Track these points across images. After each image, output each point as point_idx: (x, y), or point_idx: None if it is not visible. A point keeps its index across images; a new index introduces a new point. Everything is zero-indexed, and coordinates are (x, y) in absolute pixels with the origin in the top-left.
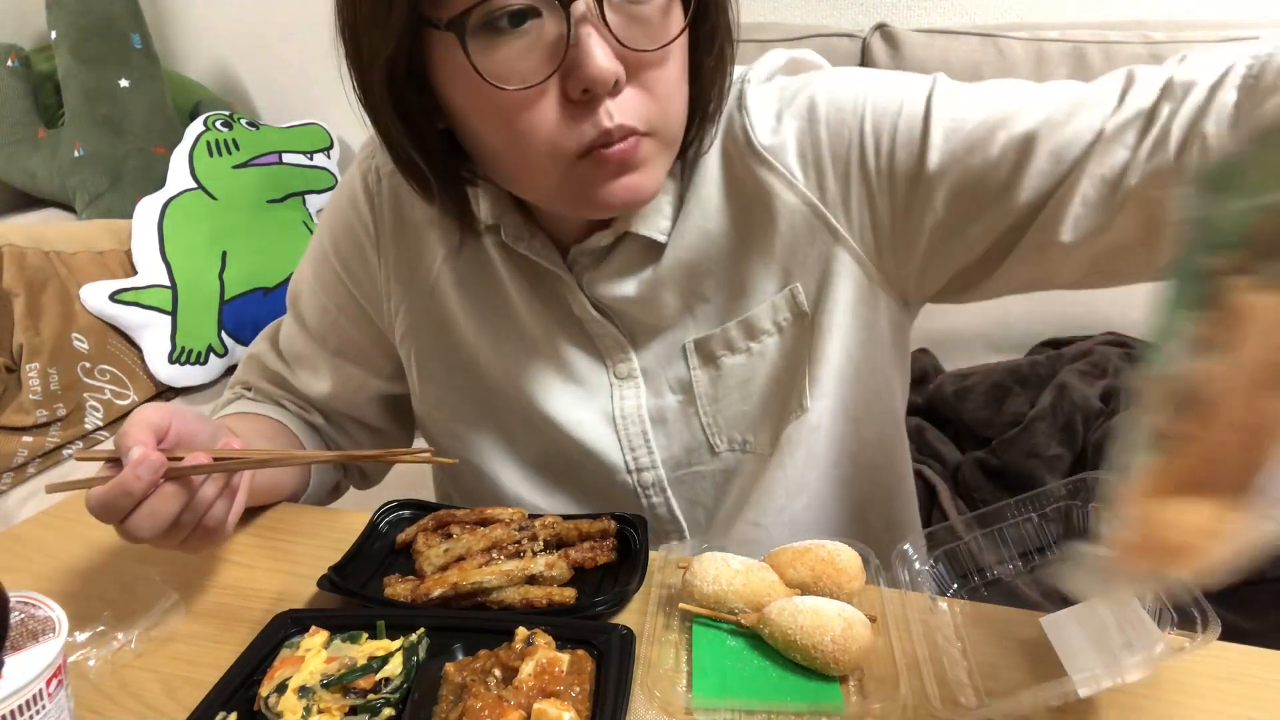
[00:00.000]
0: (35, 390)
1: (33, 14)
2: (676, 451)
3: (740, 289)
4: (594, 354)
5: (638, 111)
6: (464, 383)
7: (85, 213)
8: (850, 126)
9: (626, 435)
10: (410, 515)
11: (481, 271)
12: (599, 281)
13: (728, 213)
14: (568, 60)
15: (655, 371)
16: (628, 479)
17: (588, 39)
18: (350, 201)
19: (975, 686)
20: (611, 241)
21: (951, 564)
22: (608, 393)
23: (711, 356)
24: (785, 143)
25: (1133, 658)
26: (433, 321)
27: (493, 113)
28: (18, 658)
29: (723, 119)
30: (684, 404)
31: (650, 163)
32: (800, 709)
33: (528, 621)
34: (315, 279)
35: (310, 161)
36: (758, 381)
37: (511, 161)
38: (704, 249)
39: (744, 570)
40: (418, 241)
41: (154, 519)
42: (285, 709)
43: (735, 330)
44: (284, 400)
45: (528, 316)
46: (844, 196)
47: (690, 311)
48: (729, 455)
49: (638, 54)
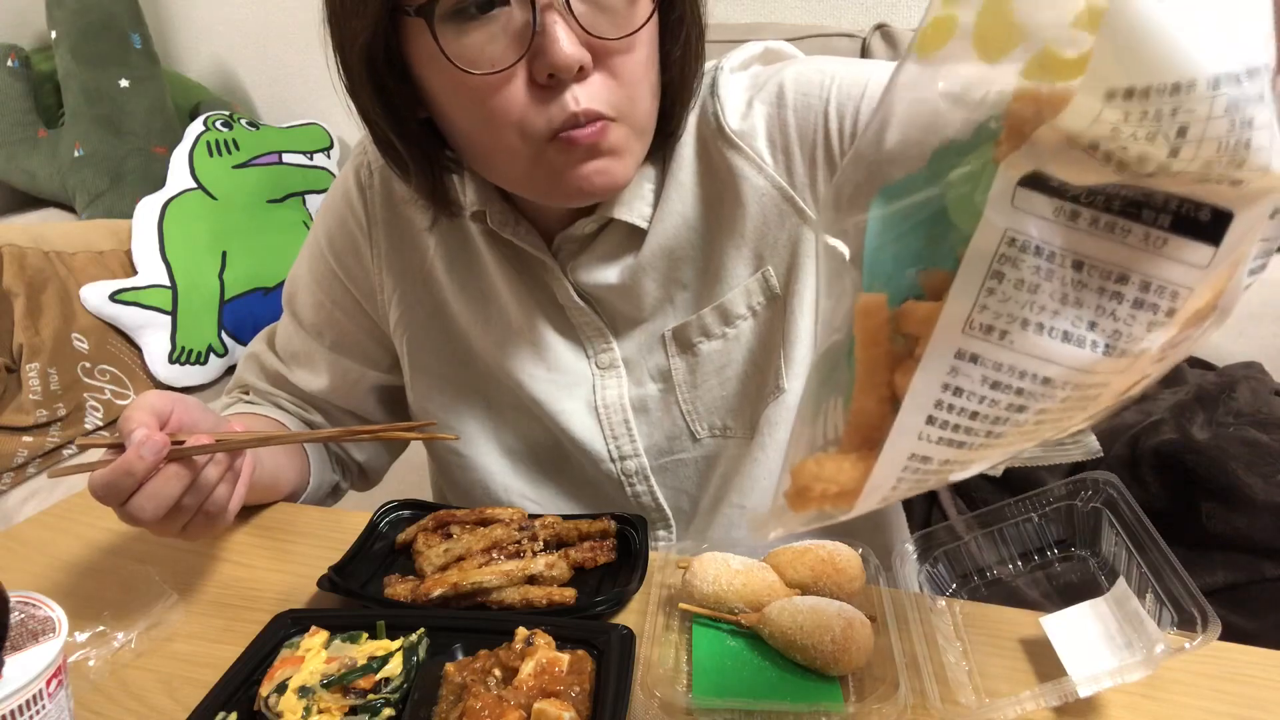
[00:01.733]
0: (35, 390)
1: (33, 14)
2: (659, 439)
3: (715, 274)
4: (576, 342)
5: (604, 97)
6: (455, 373)
7: (85, 213)
8: (816, 110)
9: (609, 424)
10: (410, 515)
11: (471, 260)
12: (583, 268)
13: (702, 198)
14: (534, 46)
15: (636, 361)
16: (611, 468)
17: (553, 26)
18: (343, 196)
19: (975, 686)
20: (595, 229)
21: (951, 564)
22: (590, 383)
23: (689, 344)
24: (755, 127)
25: (1133, 658)
26: (425, 311)
27: (464, 96)
28: (18, 658)
29: (696, 106)
30: (664, 392)
31: (621, 149)
32: (800, 709)
33: (528, 621)
34: (310, 275)
35: (310, 161)
36: (735, 366)
37: (485, 145)
38: (682, 234)
39: (744, 570)
40: (410, 232)
41: (156, 500)
42: (285, 709)
43: (710, 316)
44: (282, 400)
45: (513, 305)
46: (811, 179)
47: (670, 300)
48: (710, 441)
49: (604, 41)
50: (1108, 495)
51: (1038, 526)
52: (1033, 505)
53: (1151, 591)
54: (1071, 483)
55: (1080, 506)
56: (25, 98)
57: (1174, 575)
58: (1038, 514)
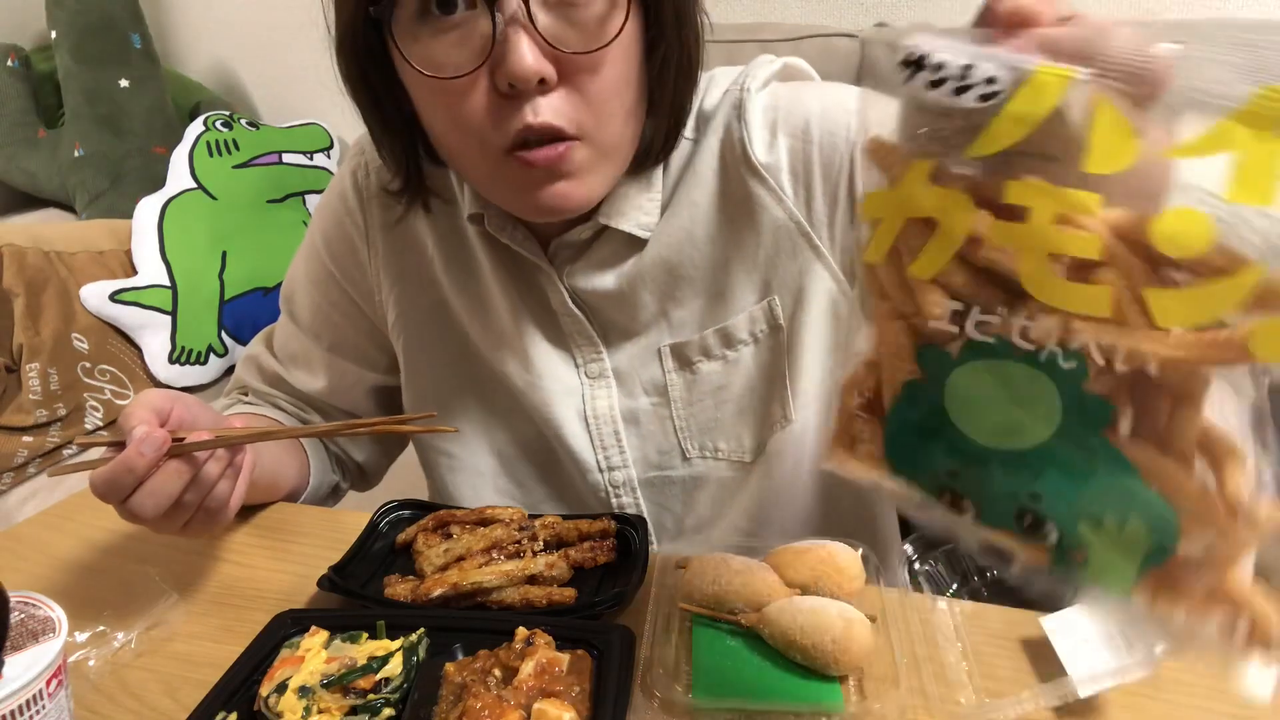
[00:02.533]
0: (35, 390)
1: (33, 14)
2: (649, 453)
3: (720, 297)
4: (565, 350)
5: (567, 113)
6: (449, 374)
7: (85, 213)
8: (841, 152)
9: (599, 435)
10: (410, 515)
11: (468, 261)
12: (579, 274)
13: (716, 220)
14: (494, 54)
15: (629, 373)
16: (599, 478)
17: (515, 35)
18: (339, 197)
19: (975, 686)
20: (591, 235)
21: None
22: (580, 392)
23: (688, 361)
24: (780, 161)
25: (1133, 658)
26: (422, 312)
27: (431, 98)
28: (18, 658)
29: (719, 125)
30: (658, 406)
31: (584, 171)
32: (800, 709)
33: (528, 621)
34: (307, 276)
35: (310, 161)
36: (732, 389)
37: (452, 148)
38: (687, 251)
39: (744, 570)
40: (407, 234)
41: (157, 497)
42: (285, 709)
43: (713, 338)
44: (281, 401)
45: (505, 309)
46: (830, 217)
47: (666, 315)
48: (699, 462)
49: (571, 56)
50: None
51: None
52: None
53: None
54: None
55: None
56: (25, 98)
57: None
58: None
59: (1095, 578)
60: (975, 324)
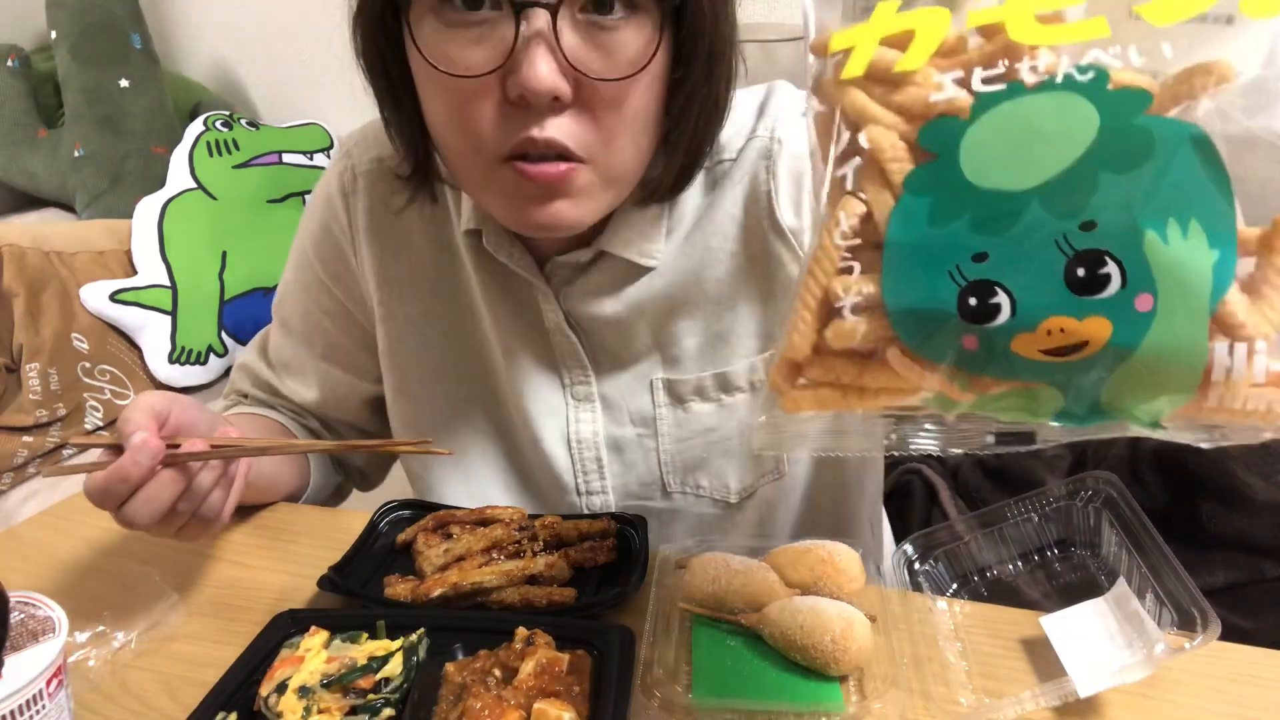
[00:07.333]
0: (35, 390)
1: (33, 14)
2: (630, 483)
3: (724, 341)
4: (553, 370)
5: (575, 134)
6: (432, 383)
7: (85, 213)
8: None
9: (580, 458)
10: (410, 515)
11: (456, 272)
12: (576, 296)
13: (730, 268)
14: (510, 62)
15: (617, 401)
16: (575, 500)
17: (536, 47)
18: (325, 203)
19: (975, 686)
20: (590, 259)
21: (951, 564)
22: (564, 413)
23: (681, 399)
24: (806, 223)
25: (1133, 658)
26: (407, 320)
27: (436, 91)
28: (18, 658)
29: (745, 174)
30: (643, 437)
31: (583, 195)
32: (800, 709)
33: (528, 621)
34: (298, 283)
35: (310, 161)
36: (722, 432)
37: (448, 144)
38: (693, 291)
39: (744, 570)
40: (394, 241)
41: (150, 505)
42: (285, 709)
43: (710, 380)
44: (278, 406)
45: (491, 323)
46: None
47: (660, 349)
48: (680, 497)
49: (590, 80)
50: (1108, 495)
51: (1038, 526)
52: (1033, 505)
53: (1151, 591)
54: (1071, 483)
55: (1080, 506)
56: (25, 98)
57: (1174, 575)
58: (1038, 514)
59: (1157, 349)
60: (981, 80)
